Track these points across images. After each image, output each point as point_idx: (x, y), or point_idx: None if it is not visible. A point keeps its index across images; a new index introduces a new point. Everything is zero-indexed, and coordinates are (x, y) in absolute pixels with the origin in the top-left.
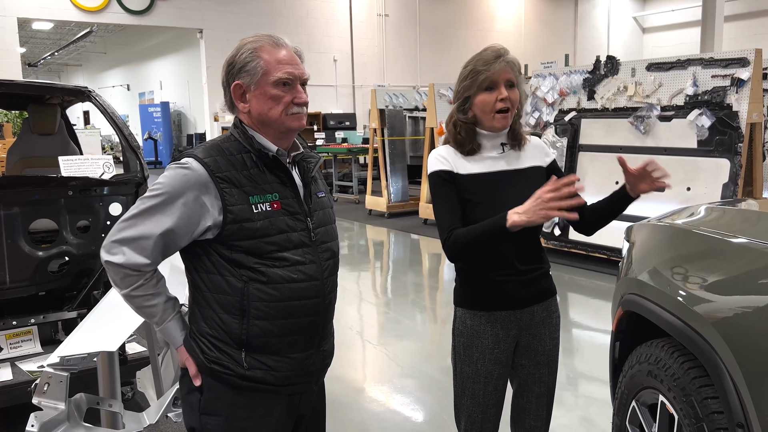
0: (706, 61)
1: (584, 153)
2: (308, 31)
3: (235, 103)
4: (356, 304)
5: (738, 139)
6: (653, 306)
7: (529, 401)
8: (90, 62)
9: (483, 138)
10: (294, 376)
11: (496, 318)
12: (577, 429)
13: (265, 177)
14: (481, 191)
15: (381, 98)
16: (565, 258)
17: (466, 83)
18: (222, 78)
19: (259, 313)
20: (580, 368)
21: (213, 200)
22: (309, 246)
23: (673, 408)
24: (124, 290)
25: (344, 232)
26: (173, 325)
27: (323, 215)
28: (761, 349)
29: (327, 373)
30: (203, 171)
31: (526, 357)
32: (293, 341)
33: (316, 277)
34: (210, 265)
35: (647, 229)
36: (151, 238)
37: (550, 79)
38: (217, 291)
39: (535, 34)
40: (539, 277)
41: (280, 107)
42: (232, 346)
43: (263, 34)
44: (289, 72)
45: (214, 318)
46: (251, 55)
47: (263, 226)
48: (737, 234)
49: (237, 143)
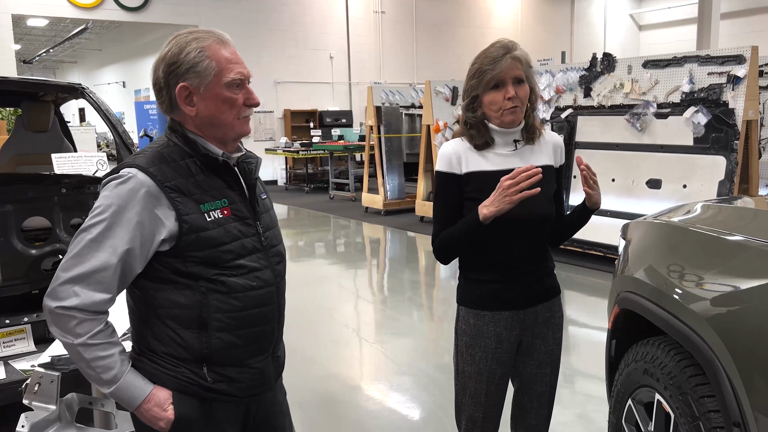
0: (702, 59)
1: (580, 150)
2: (304, 27)
3: (179, 106)
4: (353, 301)
5: (734, 136)
6: (649, 304)
7: (531, 400)
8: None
9: (495, 133)
10: (255, 386)
11: (499, 318)
12: (575, 426)
13: (212, 182)
14: (490, 189)
15: (377, 95)
16: (561, 255)
17: (473, 82)
18: (158, 77)
19: (220, 324)
20: (577, 365)
21: (166, 211)
22: (261, 251)
23: (669, 406)
24: (80, 338)
25: (341, 230)
26: (133, 376)
27: (269, 218)
28: (758, 348)
29: (322, 370)
30: (150, 182)
31: (528, 356)
32: (254, 350)
33: (272, 282)
34: (162, 280)
35: (643, 227)
36: (109, 268)
37: (546, 77)
38: (171, 306)
39: (532, 32)
40: (543, 277)
41: (234, 111)
42: (191, 362)
43: (201, 29)
44: (241, 72)
45: (169, 334)
46: (200, 55)
47: (218, 235)
48: (733, 232)
49: (178, 149)
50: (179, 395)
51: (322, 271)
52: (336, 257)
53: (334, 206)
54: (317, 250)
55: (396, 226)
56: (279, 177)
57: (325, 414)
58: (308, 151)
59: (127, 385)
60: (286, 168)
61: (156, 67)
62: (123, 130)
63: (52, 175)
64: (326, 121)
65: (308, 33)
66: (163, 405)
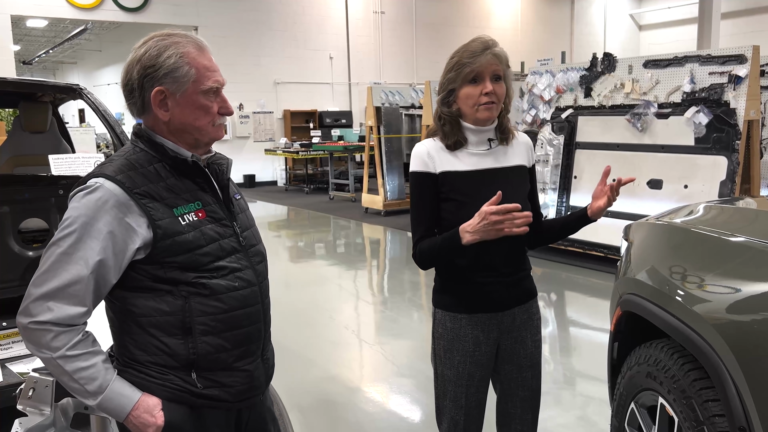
0: (703, 58)
1: (581, 150)
2: (304, 28)
3: (151, 109)
4: (352, 302)
5: (735, 136)
6: (652, 306)
7: (514, 405)
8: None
9: (469, 132)
10: (247, 389)
11: (477, 320)
12: (575, 428)
13: (183, 185)
14: (468, 190)
15: (377, 96)
16: (562, 256)
17: (450, 75)
18: (131, 78)
19: (205, 328)
20: (577, 367)
21: (138, 218)
22: (240, 251)
23: (672, 410)
24: (58, 351)
25: (341, 230)
26: (119, 384)
27: (245, 218)
28: (764, 350)
29: (322, 372)
30: (119, 190)
31: (508, 361)
32: (242, 353)
33: (254, 282)
34: (141, 289)
35: (646, 228)
36: (82, 281)
37: (546, 77)
38: (153, 314)
39: (532, 32)
40: (521, 279)
41: (209, 118)
42: (179, 369)
43: (178, 32)
44: (217, 80)
45: (153, 343)
46: (180, 61)
47: (195, 238)
48: (736, 233)
49: (144, 154)
50: (169, 403)
51: (321, 271)
52: (336, 258)
53: (334, 207)
54: (317, 251)
55: (396, 227)
56: (279, 178)
57: (324, 416)
58: (308, 151)
59: (114, 395)
60: (286, 169)
61: (129, 68)
62: (121, 130)
63: (49, 177)
64: (326, 122)
65: (308, 33)
66: (153, 411)
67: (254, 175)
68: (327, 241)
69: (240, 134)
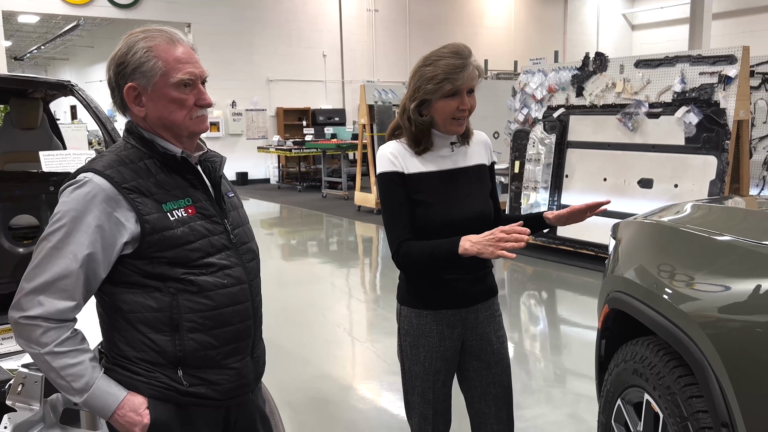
0: (693, 59)
1: (572, 150)
2: (297, 25)
3: (128, 107)
4: (345, 301)
5: (725, 136)
6: (639, 304)
7: (488, 405)
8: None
9: (436, 137)
10: (235, 387)
11: (442, 317)
12: (566, 426)
13: (173, 182)
14: (433, 191)
15: (370, 94)
16: (553, 255)
17: (428, 87)
18: (109, 77)
19: (193, 325)
20: (568, 365)
21: (126, 213)
22: (231, 248)
23: (658, 407)
24: (46, 347)
25: (333, 229)
26: (105, 382)
27: (237, 215)
28: (747, 349)
29: (314, 370)
30: (108, 185)
31: (476, 358)
32: (231, 350)
33: (244, 280)
34: (130, 284)
35: (634, 227)
36: (71, 275)
37: (538, 76)
38: (141, 310)
39: (525, 31)
40: (484, 276)
41: (184, 111)
42: (166, 366)
43: (154, 28)
44: (190, 72)
45: (141, 339)
46: (146, 55)
47: (184, 234)
48: (724, 232)
49: (135, 150)
50: (155, 402)
51: (314, 270)
52: (328, 256)
53: (327, 205)
54: (310, 249)
55: None
56: (271, 175)
57: (317, 414)
58: (301, 149)
59: (100, 393)
60: (279, 166)
61: (108, 67)
62: (112, 127)
63: (39, 173)
64: (319, 120)
65: (301, 31)
66: (138, 409)
67: (247, 172)
68: (320, 239)
69: (233, 132)
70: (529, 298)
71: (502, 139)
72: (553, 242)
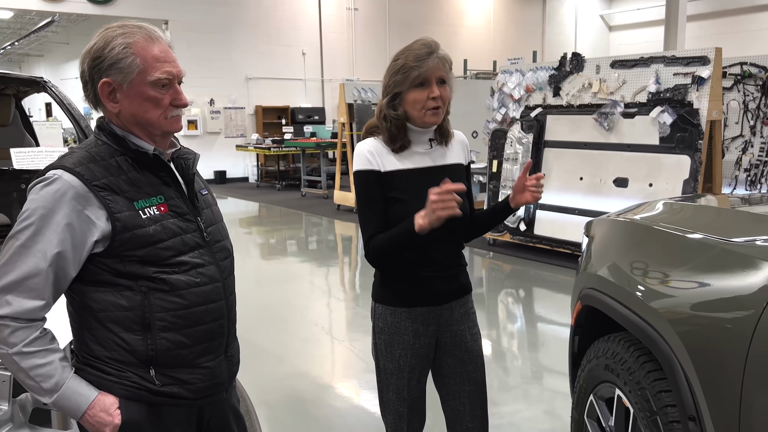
0: (668, 59)
1: (549, 149)
2: (276, 23)
3: (102, 102)
4: (324, 299)
5: (698, 136)
6: (611, 301)
7: (462, 402)
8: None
9: (413, 134)
10: (208, 387)
11: (416, 314)
12: (542, 422)
13: (145, 179)
14: (409, 188)
15: (349, 92)
16: (530, 253)
17: (397, 78)
18: (83, 70)
19: (165, 324)
20: (544, 362)
21: (97, 211)
22: (204, 247)
23: (628, 401)
24: (14, 348)
25: (312, 227)
26: (75, 382)
27: (211, 213)
28: (713, 345)
29: (291, 369)
30: (78, 182)
31: (450, 355)
32: (204, 349)
33: (217, 278)
34: (100, 283)
35: (606, 224)
36: (40, 274)
37: (516, 76)
38: (112, 309)
39: (504, 31)
40: (458, 274)
41: (159, 110)
42: (138, 366)
43: (133, 23)
44: (168, 71)
45: (112, 339)
46: (124, 51)
47: (156, 232)
48: (695, 230)
49: (107, 147)
50: (126, 402)
51: (293, 268)
52: (307, 255)
53: (306, 204)
54: (289, 248)
55: None
56: (250, 174)
57: (293, 413)
58: (280, 147)
59: (70, 393)
60: (258, 165)
61: (82, 60)
62: (87, 125)
63: (11, 171)
64: (298, 118)
65: (280, 29)
66: (109, 410)
67: (225, 171)
68: (299, 238)
69: (211, 130)
70: (506, 296)
71: (481, 139)
72: (530, 240)
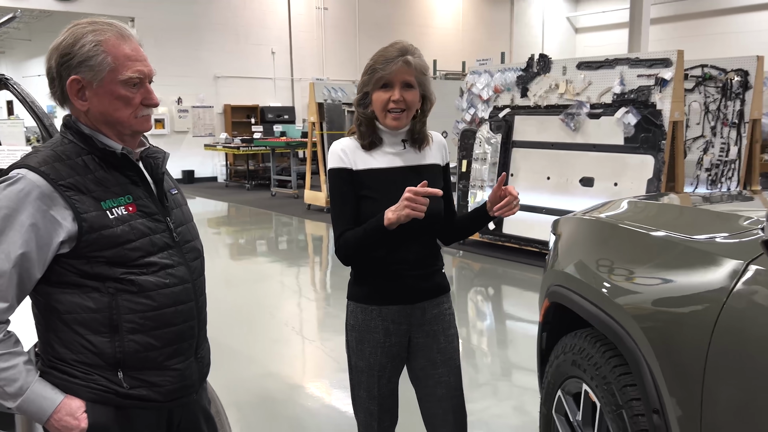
0: (632, 61)
1: (517, 149)
2: (245, 22)
3: (70, 100)
4: (294, 299)
5: (662, 136)
6: (577, 297)
7: (434, 406)
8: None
9: (383, 133)
10: (178, 389)
11: (387, 312)
12: (510, 418)
13: (113, 179)
14: (379, 187)
15: (320, 92)
16: (499, 251)
17: (365, 78)
18: (50, 67)
19: (133, 326)
20: (513, 359)
21: (63, 211)
22: (173, 247)
23: (595, 396)
24: None
25: (283, 227)
26: (40, 386)
27: (180, 213)
28: (674, 338)
29: (261, 369)
30: (43, 182)
31: (421, 356)
32: (174, 351)
33: (187, 279)
34: (66, 284)
35: (573, 223)
36: (3, 275)
37: (485, 76)
38: (78, 311)
39: (474, 31)
40: (432, 274)
41: (129, 109)
42: (105, 368)
43: (102, 21)
44: (140, 70)
45: (78, 341)
46: (95, 49)
47: (124, 232)
48: (658, 228)
49: (73, 145)
50: (93, 405)
51: (263, 269)
52: (277, 255)
53: (276, 203)
54: (258, 248)
55: None
56: (219, 174)
57: (263, 413)
58: (249, 147)
59: (35, 396)
60: (227, 164)
61: (49, 56)
62: (50, 123)
63: None
64: (268, 117)
65: (249, 27)
66: (75, 413)
67: (193, 170)
68: (268, 237)
69: (179, 129)
70: (476, 294)
71: (450, 139)
72: (498, 239)
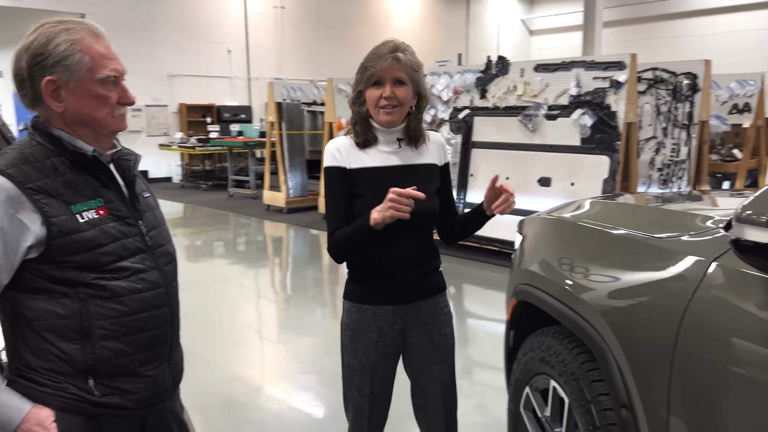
0: (588, 64)
1: (477, 150)
2: (199, 20)
3: (44, 101)
4: (254, 301)
5: (616, 137)
6: (544, 295)
7: (427, 399)
8: None
9: (378, 132)
10: (151, 396)
11: (381, 312)
12: (473, 416)
13: (83, 181)
14: (373, 185)
15: (278, 91)
16: (459, 251)
17: (358, 77)
18: (20, 68)
19: (105, 332)
20: (475, 357)
21: (30, 215)
22: (146, 252)
23: (563, 392)
24: None
25: (241, 228)
26: (7, 395)
27: (153, 216)
28: (642, 334)
29: (223, 373)
30: (9, 184)
31: (416, 354)
32: (147, 357)
33: (160, 284)
34: (35, 290)
35: (538, 223)
36: None
37: (445, 77)
38: (48, 317)
39: (431, 32)
40: (427, 274)
41: (107, 108)
42: (76, 376)
43: (70, 19)
44: (116, 69)
45: (48, 348)
46: (71, 48)
47: (95, 236)
48: (617, 226)
49: (41, 147)
50: (63, 414)
51: (221, 271)
52: (236, 257)
53: (234, 204)
54: (216, 250)
55: (299, 224)
56: (174, 174)
57: (227, 417)
58: (205, 146)
59: (2, 406)
60: (182, 164)
61: (18, 57)
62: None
63: None
64: (224, 117)
65: (204, 25)
66: (45, 423)
67: (147, 171)
68: (227, 239)
69: (132, 128)
70: None
71: None
72: None
